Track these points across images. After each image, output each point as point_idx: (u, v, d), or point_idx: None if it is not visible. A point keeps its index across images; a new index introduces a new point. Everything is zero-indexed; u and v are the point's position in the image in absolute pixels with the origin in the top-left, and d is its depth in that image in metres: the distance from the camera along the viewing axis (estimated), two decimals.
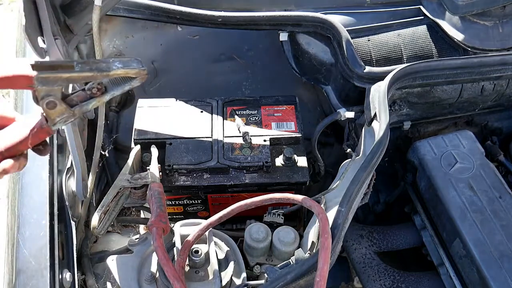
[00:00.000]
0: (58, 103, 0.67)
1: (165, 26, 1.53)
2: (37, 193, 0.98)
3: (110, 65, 0.67)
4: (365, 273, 1.30)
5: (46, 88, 0.65)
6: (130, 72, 0.68)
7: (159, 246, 0.88)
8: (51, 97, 0.66)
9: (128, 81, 0.70)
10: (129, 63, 0.69)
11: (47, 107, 0.67)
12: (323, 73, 1.45)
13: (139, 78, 0.69)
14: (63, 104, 0.67)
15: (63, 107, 0.68)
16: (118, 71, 0.67)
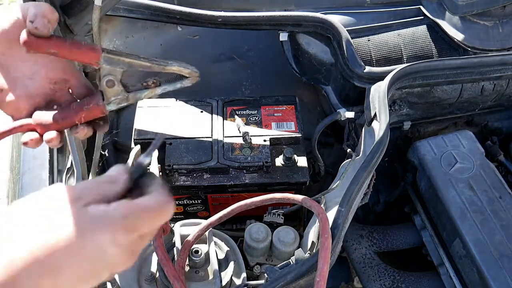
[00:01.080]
0: (116, 83, 0.73)
1: (165, 26, 1.53)
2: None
3: (168, 62, 0.76)
4: (365, 273, 1.30)
5: (109, 67, 0.72)
6: (184, 70, 0.77)
7: (159, 246, 0.88)
8: (111, 76, 0.73)
9: (180, 79, 0.78)
10: (184, 64, 0.78)
11: (107, 85, 0.73)
12: (323, 73, 1.45)
13: (191, 78, 0.78)
14: (120, 85, 0.74)
15: (120, 88, 0.74)
16: (173, 67, 0.76)
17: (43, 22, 0.62)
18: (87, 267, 0.48)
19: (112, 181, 0.53)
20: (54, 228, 0.47)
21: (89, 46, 0.70)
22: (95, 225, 0.48)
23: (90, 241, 0.47)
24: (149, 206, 0.51)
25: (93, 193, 0.50)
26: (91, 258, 0.48)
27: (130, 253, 0.51)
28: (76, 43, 0.70)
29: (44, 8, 0.63)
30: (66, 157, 1.10)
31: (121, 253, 0.49)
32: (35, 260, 0.45)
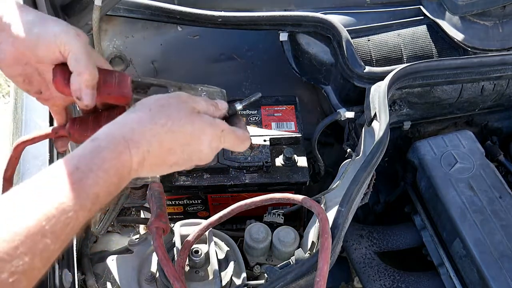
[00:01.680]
0: None
1: (165, 26, 1.53)
2: None
3: (197, 95, 0.78)
4: (365, 273, 1.30)
5: None
6: None
7: (159, 246, 0.88)
8: None
9: None
10: (213, 96, 0.81)
11: None
12: (323, 73, 1.45)
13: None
14: None
15: None
16: None
17: (91, 97, 0.68)
18: (186, 157, 0.68)
19: (217, 107, 0.74)
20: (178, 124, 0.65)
21: (119, 91, 0.72)
22: (204, 128, 0.68)
23: (197, 138, 0.67)
24: (238, 133, 0.73)
25: (204, 108, 0.71)
26: (193, 150, 0.68)
27: (211, 157, 0.71)
28: (107, 87, 0.72)
29: (86, 77, 0.67)
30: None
31: (207, 154, 0.70)
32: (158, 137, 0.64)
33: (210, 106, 0.72)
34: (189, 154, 0.68)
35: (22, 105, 1.16)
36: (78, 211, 0.53)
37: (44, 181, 0.54)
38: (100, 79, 0.70)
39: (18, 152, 0.88)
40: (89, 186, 0.55)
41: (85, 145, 0.59)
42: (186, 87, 0.79)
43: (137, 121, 0.63)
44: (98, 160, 0.57)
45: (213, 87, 0.83)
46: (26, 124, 1.10)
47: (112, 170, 0.58)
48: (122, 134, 0.61)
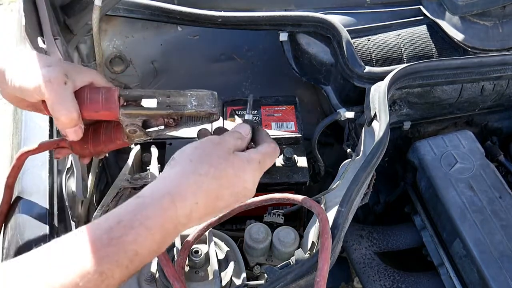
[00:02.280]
0: (138, 130, 0.79)
1: (165, 26, 1.53)
2: (37, 193, 0.98)
3: (186, 101, 0.78)
4: (365, 273, 1.30)
5: (129, 119, 0.77)
6: (201, 113, 0.79)
7: None
8: (133, 126, 0.78)
9: (200, 119, 0.81)
10: (203, 100, 0.79)
11: (129, 133, 0.79)
12: (323, 73, 1.45)
13: (212, 118, 0.81)
14: (142, 130, 0.79)
15: (142, 132, 0.79)
16: (192, 111, 0.78)
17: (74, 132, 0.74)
18: (234, 199, 0.68)
19: (241, 137, 0.74)
20: (220, 169, 0.66)
21: (106, 107, 0.75)
22: (244, 167, 0.68)
23: (240, 179, 0.68)
24: (269, 152, 0.74)
25: (232, 144, 0.71)
26: (239, 191, 0.68)
27: (254, 190, 0.71)
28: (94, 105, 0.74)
29: (63, 120, 0.72)
30: (66, 157, 1.10)
31: (252, 189, 0.71)
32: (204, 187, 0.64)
33: (237, 140, 0.73)
34: (236, 195, 0.68)
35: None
36: (114, 269, 0.53)
37: (83, 236, 0.54)
38: (86, 97, 0.74)
39: (21, 161, 0.92)
40: (129, 243, 0.55)
41: (130, 202, 0.60)
42: (175, 94, 0.78)
43: (181, 174, 0.64)
44: (141, 217, 0.57)
45: (203, 91, 0.81)
46: (26, 124, 1.10)
47: (155, 228, 0.58)
48: (167, 190, 0.61)
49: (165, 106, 0.77)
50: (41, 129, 1.07)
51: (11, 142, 1.16)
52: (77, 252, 0.53)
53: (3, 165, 1.15)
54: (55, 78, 0.70)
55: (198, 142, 0.70)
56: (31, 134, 1.08)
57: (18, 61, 0.73)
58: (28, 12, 0.88)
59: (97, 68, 1.23)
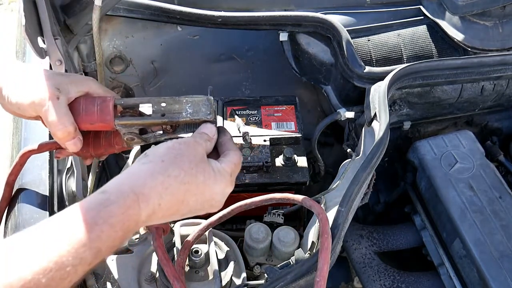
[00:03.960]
0: (136, 137, 0.80)
1: (165, 26, 1.53)
2: (37, 193, 0.98)
3: (181, 109, 0.78)
4: (365, 273, 1.30)
5: (126, 129, 0.78)
6: (196, 121, 0.79)
7: (159, 246, 0.88)
8: (130, 134, 0.79)
9: (197, 126, 0.79)
10: (199, 107, 0.79)
11: (127, 140, 0.80)
12: (323, 73, 1.45)
13: None
14: (140, 138, 0.80)
15: (140, 140, 0.80)
16: (186, 119, 0.78)
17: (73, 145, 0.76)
18: (199, 206, 0.68)
19: (209, 139, 0.74)
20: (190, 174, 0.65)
21: (101, 119, 0.76)
22: (215, 177, 0.68)
23: (209, 188, 0.67)
24: (237, 161, 0.73)
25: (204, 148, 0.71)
26: (206, 199, 0.68)
27: (222, 203, 0.71)
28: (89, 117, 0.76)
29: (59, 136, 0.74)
30: (66, 157, 1.10)
31: (220, 201, 0.70)
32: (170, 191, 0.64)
33: (206, 142, 0.73)
34: (202, 203, 0.68)
35: None
36: (77, 265, 0.53)
37: (46, 232, 0.54)
38: (81, 109, 0.75)
39: (23, 160, 0.92)
40: (92, 240, 0.55)
41: (94, 197, 0.60)
42: (170, 102, 0.78)
43: (150, 173, 0.63)
44: (104, 214, 0.57)
45: (198, 96, 0.80)
46: (26, 124, 1.10)
47: (118, 225, 0.58)
48: (132, 188, 0.61)
49: (160, 115, 0.77)
50: (41, 129, 1.07)
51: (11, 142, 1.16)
52: (41, 248, 0.52)
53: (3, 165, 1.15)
54: (47, 94, 0.71)
55: (173, 142, 0.70)
56: (31, 134, 1.08)
57: (15, 77, 0.74)
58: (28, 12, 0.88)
59: (97, 68, 1.23)
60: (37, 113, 0.73)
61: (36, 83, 0.72)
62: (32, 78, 0.74)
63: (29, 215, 0.95)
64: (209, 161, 0.70)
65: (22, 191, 0.99)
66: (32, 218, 0.94)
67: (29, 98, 0.72)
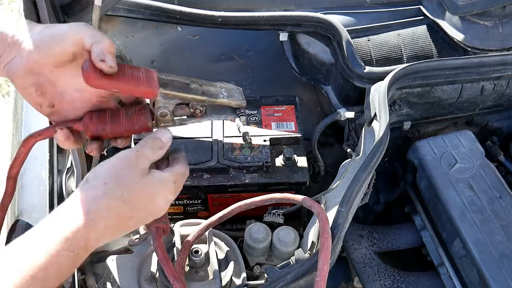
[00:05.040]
0: (169, 114, 0.78)
1: (165, 26, 1.53)
2: (37, 193, 0.98)
3: (217, 92, 0.79)
4: (365, 273, 1.30)
5: (164, 101, 0.76)
6: (232, 103, 0.80)
7: (159, 246, 0.88)
8: (165, 108, 0.77)
9: (226, 111, 0.81)
10: (232, 92, 0.81)
11: (160, 115, 0.78)
12: (323, 73, 1.45)
13: (238, 111, 0.83)
14: (172, 115, 0.78)
15: (171, 117, 0.78)
16: (224, 100, 0.79)
17: (113, 60, 0.66)
18: (145, 217, 0.70)
19: (161, 147, 0.72)
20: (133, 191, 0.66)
21: (147, 84, 0.72)
22: (158, 188, 0.69)
23: (152, 200, 0.69)
24: (184, 173, 0.74)
25: (148, 159, 0.70)
26: (150, 211, 0.70)
27: (166, 209, 0.73)
28: (135, 79, 0.71)
29: (107, 43, 0.67)
30: (66, 157, 1.10)
31: (164, 208, 0.72)
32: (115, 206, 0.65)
33: (157, 150, 0.72)
34: (147, 215, 0.70)
35: (22, 105, 1.16)
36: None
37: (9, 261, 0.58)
38: (127, 72, 0.71)
39: (28, 147, 0.82)
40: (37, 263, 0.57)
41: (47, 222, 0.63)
42: (206, 84, 0.80)
43: (93, 199, 0.64)
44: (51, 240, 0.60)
45: (230, 84, 0.83)
46: (26, 124, 1.10)
47: (64, 251, 0.60)
48: (78, 218, 0.63)
49: (200, 93, 0.77)
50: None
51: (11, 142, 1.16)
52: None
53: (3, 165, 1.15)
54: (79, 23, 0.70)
55: (113, 159, 0.69)
56: None
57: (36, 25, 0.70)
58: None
59: None
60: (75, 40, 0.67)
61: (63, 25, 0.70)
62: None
63: (28, 215, 0.95)
64: (152, 173, 0.69)
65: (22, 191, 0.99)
66: (31, 218, 0.94)
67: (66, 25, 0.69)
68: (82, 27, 0.68)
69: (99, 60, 0.66)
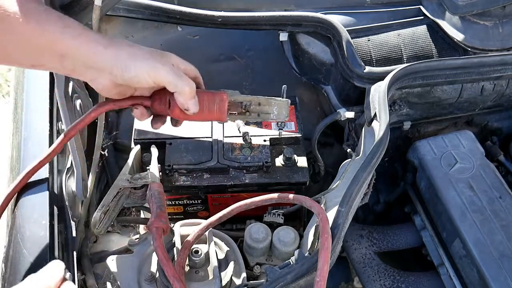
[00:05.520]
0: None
1: (165, 26, 1.53)
2: (37, 193, 0.98)
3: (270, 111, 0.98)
4: (365, 273, 1.30)
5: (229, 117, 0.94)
6: (277, 120, 1.01)
7: (159, 246, 0.88)
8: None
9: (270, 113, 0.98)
10: (281, 109, 0.98)
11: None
12: (323, 73, 1.45)
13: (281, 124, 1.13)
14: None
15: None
16: (273, 119, 0.99)
17: (195, 106, 0.84)
18: None
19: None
20: None
21: (219, 114, 0.90)
22: None
23: None
24: None
25: None
26: None
27: None
28: (210, 112, 0.89)
29: (187, 93, 0.81)
30: (66, 157, 1.10)
31: None
32: None
33: None
34: None
35: (22, 105, 1.16)
36: None
37: None
38: (205, 107, 0.87)
39: (98, 113, 0.89)
40: None
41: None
42: (264, 103, 0.96)
43: None
44: None
45: (282, 100, 0.99)
46: (26, 124, 1.10)
47: None
48: None
49: (257, 115, 0.96)
50: (41, 129, 1.07)
51: (11, 142, 1.16)
52: None
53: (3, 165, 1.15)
54: (164, 63, 0.78)
55: None
56: (31, 134, 1.08)
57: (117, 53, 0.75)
58: None
59: None
60: (157, 79, 0.77)
61: (144, 54, 0.77)
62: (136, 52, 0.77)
63: (28, 215, 0.95)
64: None
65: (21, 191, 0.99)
66: (31, 218, 0.94)
67: (147, 66, 0.76)
68: (162, 74, 0.78)
69: (183, 108, 0.83)
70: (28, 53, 0.72)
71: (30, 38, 0.70)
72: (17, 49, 0.71)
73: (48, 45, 0.71)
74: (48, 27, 0.70)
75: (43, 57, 0.72)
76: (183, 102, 0.81)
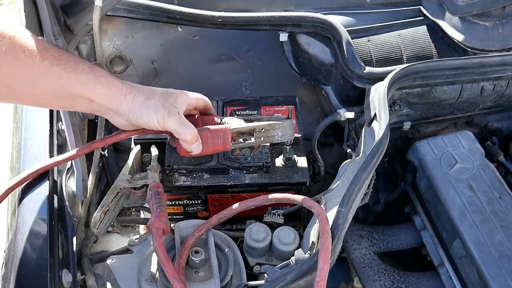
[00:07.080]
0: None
1: (165, 26, 1.53)
2: (37, 193, 0.99)
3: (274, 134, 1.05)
4: (365, 273, 1.30)
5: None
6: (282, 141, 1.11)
7: (159, 246, 0.88)
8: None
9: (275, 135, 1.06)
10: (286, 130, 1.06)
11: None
12: (323, 73, 1.45)
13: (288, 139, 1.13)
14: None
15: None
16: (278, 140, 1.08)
17: (198, 147, 0.96)
18: None
19: None
20: None
21: (223, 147, 0.98)
22: None
23: None
24: None
25: None
26: None
27: None
28: (214, 146, 0.97)
29: (189, 139, 0.93)
30: None
31: None
32: None
33: None
34: None
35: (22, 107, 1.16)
36: None
37: None
38: (209, 143, 0.96)
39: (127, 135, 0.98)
40: None
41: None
42: (267, 128, 1.03)
43: None
44: None
45: (286, 121, 1.05)
46: (26, 124, 1.10)
47: None
48: None
49: (261, 139, 1.03)
50: (41, 129, 1.07)
51: (11, 142, 1.16)
52: None
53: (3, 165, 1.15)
54: (171, 112, 0.89)
55: None
56: (31, 134, 1.08)
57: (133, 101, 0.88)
58: (29, 12, 0.88)
59: None
60: (164, 126, 0.90)
61: (155, 105, 0.89)
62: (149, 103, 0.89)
63: (28, 215, 0.95)
64: None
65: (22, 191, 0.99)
66: (31, 218, 0.94)
67: (156, 117, 0.88)
68: (168, 125, 0.89)
69: (188, 151, 0.95)
70: (62, 98, 0.84)
71: (67, 87, 0.82)
72: (53, 95, 0.84)
73: (80, 93, 0.83)
74: (81, 77, 0.82)
75: (74, 101, 0.85)
76: (186, 147, 0.94)
